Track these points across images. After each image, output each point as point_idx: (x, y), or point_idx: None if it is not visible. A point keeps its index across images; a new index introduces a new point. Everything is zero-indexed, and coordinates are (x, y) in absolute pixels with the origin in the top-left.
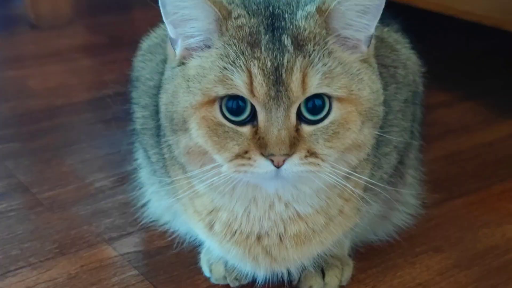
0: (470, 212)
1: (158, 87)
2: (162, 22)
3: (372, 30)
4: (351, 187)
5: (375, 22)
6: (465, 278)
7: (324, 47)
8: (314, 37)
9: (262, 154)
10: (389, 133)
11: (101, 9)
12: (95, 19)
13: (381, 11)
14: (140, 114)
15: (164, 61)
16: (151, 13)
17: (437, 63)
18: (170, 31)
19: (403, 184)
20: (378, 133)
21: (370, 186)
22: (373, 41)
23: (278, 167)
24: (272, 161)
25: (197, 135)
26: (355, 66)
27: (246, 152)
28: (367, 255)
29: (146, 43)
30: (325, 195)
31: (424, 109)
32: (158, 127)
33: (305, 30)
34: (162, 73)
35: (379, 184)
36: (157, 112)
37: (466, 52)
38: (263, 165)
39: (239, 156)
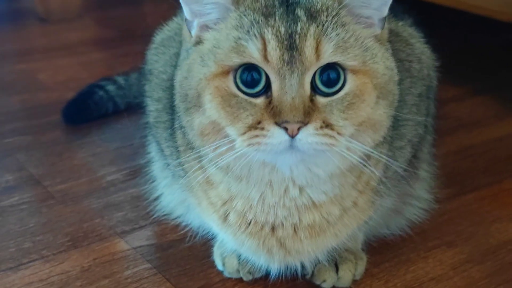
0: (482, 207)
1: (172, 80)
2: (175, 15)
3: (385, 13)
4: (371, 168)
5: (387, 3)
6: (478, 273)
7: (337, 18)
8: (327, 9)
9: (276, 123)
10: (404, 127)
11: (110, 2)
12: (104, 12)
13: None
14: (153, 107)
15: (178, 54)
16: (161, 6)
17: (449, 57)
18: (186, 12)
19: (417, 178)
20: (395, 113)
21: (384, 178)
22: (386, 26)
23: (292, 136)
24: (286, 129)
25: (210, 106)
26: (368, 41)
27: (259, 122)
28: (380, 249)
29: (159, 36)
30: (338, 182)
31: (437, 103)
32: (171, 120)
33: (317, 3)
34: (175, 66)
35: (393, 176)
36: (171, 105)
37: (478, 47)
38: (277, 135)
39: (252, 127)
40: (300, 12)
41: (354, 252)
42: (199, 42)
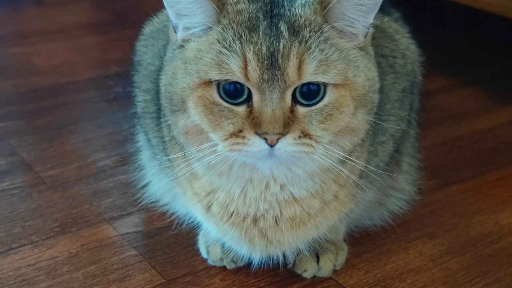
0: (465, 199)
1: (160, 72)
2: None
3: (370, 22)
4: (346, 171)
5: (373, 14)
6: (457, 264)
7: (320, 34)
8: (310, 24)
9: (256, 133)
10: (386, 122)
11: None
12: None
13: (379, 5)
14: (141, 98)
15: (166, 46)
16: None
17: (438, 48)
18: (172, 17)
19: (399, 171)
20: (373, 119)
21: (366, 173)
22: (371, 30)
23: (271, 146)
24: (266, 139)
25: (194, 113)
26: (351, 53)
27: (240, 131)
28: (361, 240)
29: (148, 28)
30: (319, 179)
31: (424, 95)
32: (158, 111)
33: (301, 17)
34: (163, 58)
35: (374, 171)
36: (158, 96)
37: (468, 38)
38: (256, 144)
39: (233, 135)
40: (283, 27)
41: (335, 243)
42: (183, 46)
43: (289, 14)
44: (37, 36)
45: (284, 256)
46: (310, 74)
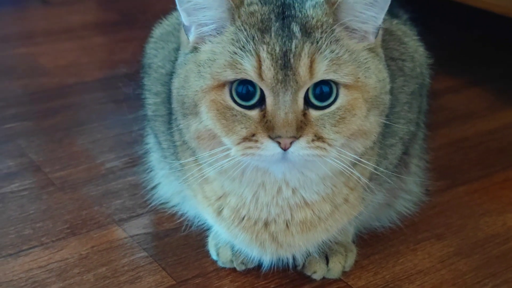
0: (472, 200)
1: (170, 75)
2: (174, 8)
3: (379, 22)
4: (357, 174)
5: (382, 14)
6: (465, 266)
7: (331, 35)
8: (322, 25)
9: (270, 137)
10: (396, 124)
11: None
12: None
13: (388, 4)
14: (152, 101)
15: (176, 50)
16: None
17: (445, 48)
18: (184, 18)
19: (407, 173)
20: (384, 121)
21: (375, 175)
22: (380, 32)
23: (285, 149)
24: (279, 143)
25: (206, 118)
26: (362, 54)
27: (253, 135)
28: (370, 241)
29: (158, 31)
30: (331, 182)
31: (431, 96)
32: (169, 114)
33: (312, 19)
34: (173, 61)
35: (384, 173)
36: (169, 99)
37: (475, 38)
38: (270, 148)
39: (246, 139)
40: (295, 28)
41: (344, 245)
42: (196, 49)
43: (300, 15)
44: (44, 36)
45: (294, 258)
46: (322, 73)
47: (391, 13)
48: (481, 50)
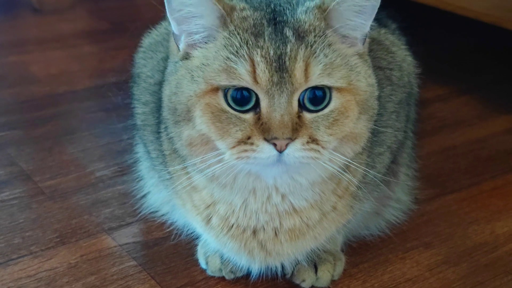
0: (461, 208)
1: (159, 84)
2: (164, 17)
3: (367, 29)
4: (349, 177)
5: (370, 21)
6: (453, 274)
7: (324, 39)
8: (314, 29)
9: (265, 139)
10: (383, 133)
11: None
12: (97, 3)
13: (376, 11)
14: (140, 110)
15: (165, 59)
16: None
17: (433, 56)
18: (174, 27)
19: (396, 182)
20: (371, 131)
21: (363, 184)
22: (367, 40)
23: (280, 151)
24: (275, 145)
25: (200, 122)
26: (353, 59)
27: (248, 137)
28: (359, 250)
29: (147, 40)
30: (319, 189)
31: (420, 104)
32: (158, 124)
33: (305, 23)
34: (162, 71)
35: (372, 182)
36: (157, 109)
37: (464, 46)
38: (266, 150)
39: (241, 142)
40: (288, 32)
41: (333, 253)
42: (187, 57)
43: (292, 20)
44: (34, 45)
45: (283, 267)
46: (316, 77)
47: (380, 22)
48: (470, 59)
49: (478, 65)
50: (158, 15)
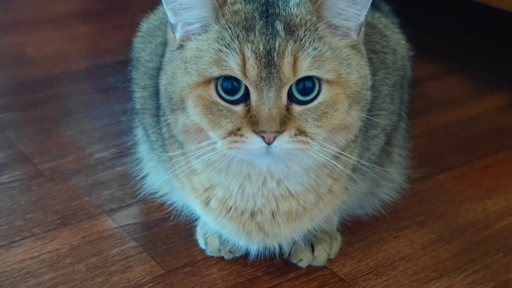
0: (453, 187)
1: (158, 69)
2: (161, 4)
3: (362, 19)
4: (340, 166)
5: (364, 11)
6: (446, 252)
7: (314, 33)
8: (305, 23)
9: (254, 131)
10: (378, 116)
11: None
12: None
13: (370, 1)
14: (140, 95)
15: (164, 44)
16: None
17: (424, 35)
18: (170, 17)
19: (390, 163)
20: (366, 116)
21: (359, 166)
22: (363, 29)
23: (268, 143)
24: (263, 137)
25: (193, 113)
26: (344, 51)
27: (238, 129)
28: (354, 229)
29: (145, 25)
30: (314, 174)
31: (411, 84)
32: (157, 108)
33: (296, 17)
34: (161, 56)
35: (367, 164)
36: (156, 93)
37: (455, 25)
38: (254, 142)
39: (232, 133)
40: (279, 26)
41: (329, 233)
42: (182, 46)
43: (284, 13)
44: (29, 26)
45: (280, 247)
46: (305, 70)
47: (373, 5)
48: (461, 38)
49: (469, 44)
50: None
